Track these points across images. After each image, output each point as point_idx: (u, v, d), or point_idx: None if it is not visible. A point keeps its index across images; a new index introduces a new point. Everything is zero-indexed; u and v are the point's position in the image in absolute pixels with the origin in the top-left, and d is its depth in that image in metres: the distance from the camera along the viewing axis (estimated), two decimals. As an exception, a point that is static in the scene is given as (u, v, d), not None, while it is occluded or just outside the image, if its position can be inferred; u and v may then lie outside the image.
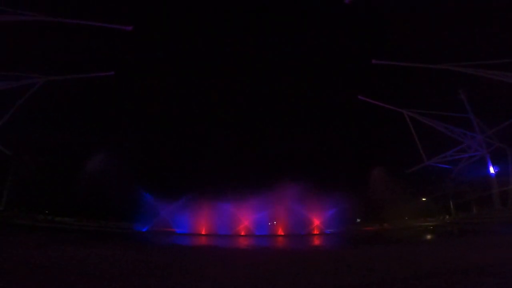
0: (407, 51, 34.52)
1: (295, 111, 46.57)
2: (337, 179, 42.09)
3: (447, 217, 41.37)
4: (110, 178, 35.98)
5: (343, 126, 44.83)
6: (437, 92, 36.68)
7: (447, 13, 31.24)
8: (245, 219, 41.52)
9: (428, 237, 29.18)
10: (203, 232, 37.96)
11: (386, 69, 35.26)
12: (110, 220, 38.45)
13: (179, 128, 43.51)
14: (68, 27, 29.92)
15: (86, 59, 36.14)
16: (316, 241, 33.32)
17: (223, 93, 44.21)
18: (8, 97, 31.87)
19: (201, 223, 38.77)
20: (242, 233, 39.36)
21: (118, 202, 34.77)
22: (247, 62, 44.47)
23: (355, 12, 37.20)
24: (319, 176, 42.14)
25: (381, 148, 42.50)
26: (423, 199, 43.42)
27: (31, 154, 36.34)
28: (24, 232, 21.17)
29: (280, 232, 41.62)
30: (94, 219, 38.34)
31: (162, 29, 40.70)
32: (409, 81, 37.52)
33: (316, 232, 41.27)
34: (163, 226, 38.64)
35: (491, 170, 36.46)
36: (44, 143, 36.66)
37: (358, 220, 46.09)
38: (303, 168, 43.59)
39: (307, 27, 43.03)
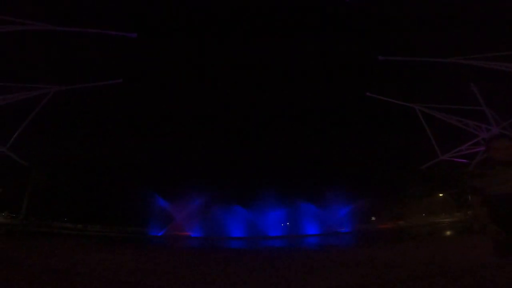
0: (413, 46, 34.07)
1: (304, 110, 46.42)
2: (350, 177, 41.74)
3: (469, 212, 40.46)
4: (124, 185, 36.67)
5: (353, 124, 44.45)
6: (448, 86, 36.04)
7: (454, 4, 30.71)
8: (258, 220, 41.56)
9: (446, 234, 28.57)
10: (218, 235, 38.12)
11: (393, 65, 34.89)
12: (125, 225, 39.14)
13: (190, 132, 43.96)
14: (74, 36, 30.48)
15: (93, 67, 36.85)
16: (328, 241, 33.10)
17: (233, 95, 44.47)
18: (20, 108, 32.60)
19: (215, 226, 38.97)
20: (255, 235, 39.32)
21: (133, 207, 35.40)
22: (254, 64, 44.68)
23: (358, 9, 36.97)
24: (331, 175, 41.92)
25: (393, 145, 41.92)
26: (440, 195, 42.59)
27: (47, 164, 37.32)
28: (44, 240, 21.73)
29: (294, 232, 41.54)
30: (110, 225, 39.11)
31: (166, 35, 41.22)
32: (417, 77, 37.06)
33: (330, 231, 40.96)
34: (178, 230, 39.09)
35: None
36: (59, 153, 37.58)
37: (373, 219, 45.59)
38: (314, 167, 43.43)
39: (310, 25, 42.95)
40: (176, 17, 42.44)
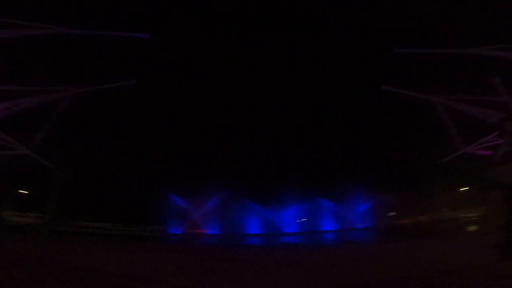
0: (431, 38, 32.91)
1: (321, 106, 45.74)
2: (368, 172, 41.06)
3: (494, 206, 38.88)
4: (142, 184, 37.52)
5: (371, 118, 43.47)
6: (466, 77, 34.57)
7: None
8: (274, 217, 41.51)
9: (467, 230, 27.78)
10: (234, 232, 38.28)
11: (410, 57, 33.87)
12: (145, 224, 39.88)
13: (205, 131, 44.22)
14: (88, 38, 30.94)
15: (107, 69, 37.30)
16: (346, 237, 32.82)
17: (250, 92, 44.36)
18: (40, 111, 33.41)
19: (232, 223, 39.16)
20: (271, 232, 39.26)
21: (151, 206, 36.16)
22: (269, 60, 44.38)
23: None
24: (349, 170, 41.41)
25: (412, 139, 40.79)
26: (462, 189, 41.22)
27: (70, 165, 38.52)
28: (70, 238, 22.56)
29: (311, 228, 41.34)
30: (130, 224, 39.94)
31: (178, 36, 41.41)
32: (434, 69, 35.76)
33: (347, 227, 40.48)
34: (195, 228, 39.51)
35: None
36: (81, 154, 38.69)
37: (392, 214, 44.60)
38: (332, 162, 42.92)
39: (325, 17, 42.22)
40: (188, 17, 42.55)
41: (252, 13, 42.40)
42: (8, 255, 11.07)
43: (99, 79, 34.82)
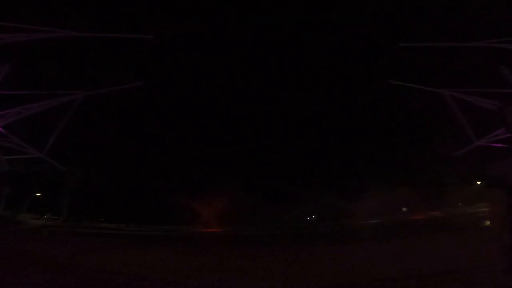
0: (437, 31, 32.27)
1: (332, 101, 45.44)
2: (380, 166, 40.67)
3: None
4: (156, 184, 37.85)
5: (381, 112, 42.96)
6: (475, 70, 33.78)
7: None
8: (285, 214, 41.40)
9: (481, 225, 27.09)
10: (247, 230, 38.28)
11: (416, 51, 33.28)
12: (160, 224, 40.22)
13: (217, 129, 44.32)
14: (92, 41, 31.20)
15: (114, 71, 37.66)
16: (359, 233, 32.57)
17: (260, 90, 44.37)
18: (49, 115, 33.91)
19: (245, 221, 39.19)
20: (283, 228, 39.17)
21: (166, 206, 36.49)
22: (275, 55, 44.27)
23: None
24: (360, 165, 41.14)
25: (424, 132, 40.18)
26: (478, 182, 40.36)
27: (84, 167, 39.11)
28: (86, 240, 22.84)
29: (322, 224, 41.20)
30: (144, 224, 40.36)
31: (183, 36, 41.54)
32: (441, 62, 35.08)
33: (360, 223, 40.14)
34: (209, 226, 39.73)
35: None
36: (92, 156, 39.27)
37: (405, 209, 44.04)
38: (343, 157, 42.68)
39: (328, 11, 41.83)
40: (193, 18, 42.69)
41: (257, 9, 42.30)
42: (25, 257, 11.23)
43: (106, 82, 35.18)
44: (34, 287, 6.88)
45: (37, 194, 39.83)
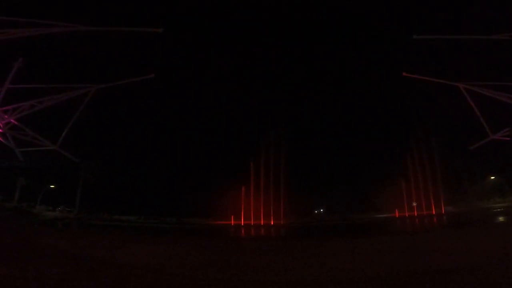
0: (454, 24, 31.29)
1: (342, 94, 44.78)
2: (391, 160, 40.12)
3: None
4: (169, 176, 38.22)
5: (395, 104, 42.17)
6: (491, 63, 32.67)
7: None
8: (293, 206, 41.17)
9: (495, 221, 26.55)
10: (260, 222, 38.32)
11: (430, 44, 32.33)
12: (172, 216, 40.62)
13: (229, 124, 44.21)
14: (102, 35, 31.38)
15: (125, 64, 37.82)
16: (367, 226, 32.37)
17: (271, 80, 44.00)
18: (63, 108, 34.48)
19: (257, 213, 39.15)
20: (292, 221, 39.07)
21: (179, 199, 36.86)
22: (289, 46, 43.70)
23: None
24: (371, 158, 40.74)
25: (437, 126, 39.27)
26: (492, 177, 39.39)
27: (97, 159, 39.70)
28: (99, 232, 23.30)
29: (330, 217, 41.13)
30: (156, 217, 40.84)
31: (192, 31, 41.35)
32: (456, 55, 34.05)
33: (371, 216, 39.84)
34: (221, 218, 39.78)
35: None
36: (107, 148, 39.84)
37: (414, 204, 43.41)
38: (354, 150, 42.29)
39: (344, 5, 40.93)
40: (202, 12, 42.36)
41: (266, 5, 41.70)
42: (41, 250, 11.49)
43: (118, 75, 35.44)
44: (49, 280, 7.02)
45: (51, 186, 40.69)
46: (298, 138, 41.21)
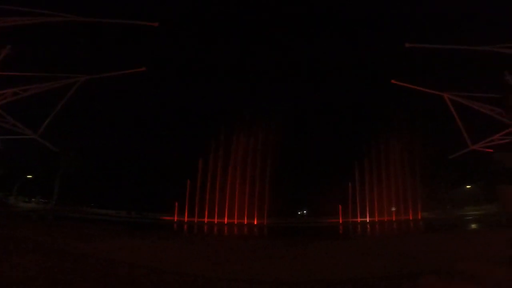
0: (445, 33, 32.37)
1: (326, 99, 45.44)
2: (372, 166, 41.04)
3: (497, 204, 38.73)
4: (150, 171, 37.60)
5: (378, 112, 43.14)
6: (479, 74, 34.02)
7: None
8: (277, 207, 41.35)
9: (468, 227, 27.66)
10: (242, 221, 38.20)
11: (421, 52, 33.26)
12: (153, 211, 40.01)
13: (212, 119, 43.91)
14: (97, 26, 30.84)
15: (117, 56, 37.28)
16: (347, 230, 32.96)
17: (260, 81, 44.07)
18: (49, 97, 33.63)
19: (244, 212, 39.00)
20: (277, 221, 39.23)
21: (160, 193, 36.31)
22: (280, 49, 44.04)
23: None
24: (352, 164, 41.45)
25: (420, 134, 40.47)
26: (468, 186, 40.98)
27: (77, 150, 38.64)
28: (75, 225, 22.67)
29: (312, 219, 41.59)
30: (136, 211, 40.11)
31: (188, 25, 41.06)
32: (445, 65, 35.25)
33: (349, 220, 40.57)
34: (202, 216, 39.50)
35: (543, 153, 33.43)
36: (89, 140, 38.88)
37: (393, 209, 44.59)
38: (335, 154, 42.94)
39: (335, 12, 41.59)
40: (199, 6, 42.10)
41: (261, 9, 41.89)
42: (16, 242, 11.06)
43: (109, 67, 34.95)
44: (26, 272, 6.77)
45: (28, 177, 39.31)
46: (286, 138, 41.46)
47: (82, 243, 12.43)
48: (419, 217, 40.18)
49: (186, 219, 38.57)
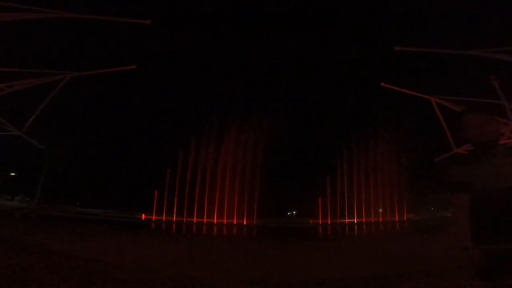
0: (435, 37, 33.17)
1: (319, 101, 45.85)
2: (358, 168, 41.65)
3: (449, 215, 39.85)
4: (136, 171, 37.11)
5: (365, 114, 43.85)
6: (467, 78, 34.98)
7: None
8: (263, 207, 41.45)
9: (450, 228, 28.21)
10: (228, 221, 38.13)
11: (411, 56, 33.94)
12: (138, 211, 39.57)
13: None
14: (87, 23, 30.45)
15: (107, 53, 36.89)
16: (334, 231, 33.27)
17: (252, 82, 44.14)
18: (36, 94, 32.99)
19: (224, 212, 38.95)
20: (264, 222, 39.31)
21: (144, 193, 35.94)
22: (268, 57, 44.28)
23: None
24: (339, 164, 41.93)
25: (406, 137, 41.28)
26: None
27: (62, 148, 37.85)
28: (59, 225, 22.24)
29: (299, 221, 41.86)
30: (122, 210, 39.63)
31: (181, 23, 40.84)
32: (434, 68, 36.12)
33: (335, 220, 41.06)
34: (193, 215, 39.24)
35: (525, 158, 34.62)
36: (74, 138, 38.17)
37: (381, 210, 45.37)
38: (322, 155, 43.34)
39: (327, 12, 42.02)
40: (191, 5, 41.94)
41: (253, 7, 42.01)
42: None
43: (99, 64, 34.48)
44: (5, 270, 6.61)
45: (12, 174, 38.28)
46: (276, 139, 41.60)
47: (67, 242, 12.20)
48: (405, 218, 41.01)
49: (174, 218, 38.32)
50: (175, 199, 38.57)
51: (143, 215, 37.71)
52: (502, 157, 3.03)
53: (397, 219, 41.43)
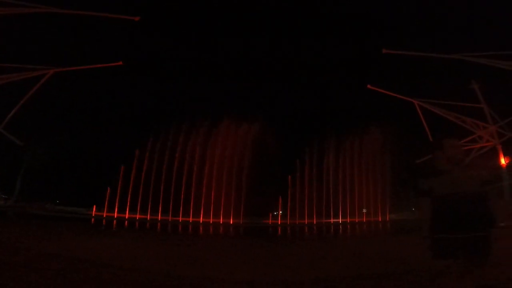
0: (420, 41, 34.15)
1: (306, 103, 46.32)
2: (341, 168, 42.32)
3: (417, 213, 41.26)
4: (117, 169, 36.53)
5: (350, 115, 44.61)
6: (449, 82, 36.23)
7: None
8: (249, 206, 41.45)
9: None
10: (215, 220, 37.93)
11: (397, 59, 34.86)
12: (119, 209, 38.86)
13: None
14: (75, 18, 29.99)
15: (93, 49, 36.36)
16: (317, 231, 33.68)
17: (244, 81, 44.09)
18: (17, 89, 32.12)
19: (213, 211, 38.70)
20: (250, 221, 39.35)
21: (126, 192, 35.36)
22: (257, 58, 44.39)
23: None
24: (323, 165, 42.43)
25: (390, 138, 42.21)
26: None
27: (42, 145, 36.82)
28: (39, 223, 21.56)
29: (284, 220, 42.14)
30: (103, 209, 38.83)
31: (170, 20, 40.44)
32: (419, 71, 37.21)
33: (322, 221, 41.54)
34: (170, 214, 38.84)
35: (502, 161, 36.17)
36: (55, 135, 37.16)
37: (364, 211, 46.24)
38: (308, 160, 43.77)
39: (316, 15, 42.47)
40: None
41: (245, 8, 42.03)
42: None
43: (85, 60, 33.97)
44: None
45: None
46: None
47: (45, 241, 11.82)
48: (387, 218, 41.96)
49: (159, 217, 37.85)
50: (160, 199, 38.16)
51: (127, 214, 37.14)
52: (461, 170, 4.17)
53: (380, 219, 42.37)
